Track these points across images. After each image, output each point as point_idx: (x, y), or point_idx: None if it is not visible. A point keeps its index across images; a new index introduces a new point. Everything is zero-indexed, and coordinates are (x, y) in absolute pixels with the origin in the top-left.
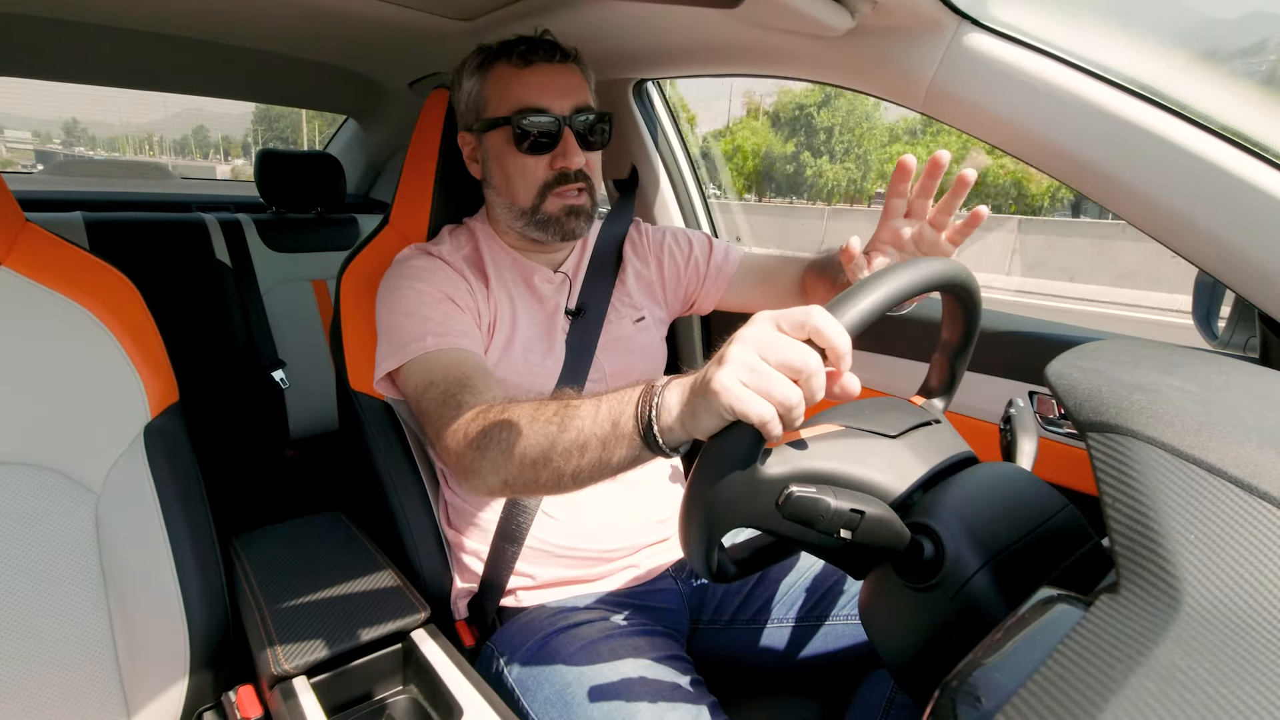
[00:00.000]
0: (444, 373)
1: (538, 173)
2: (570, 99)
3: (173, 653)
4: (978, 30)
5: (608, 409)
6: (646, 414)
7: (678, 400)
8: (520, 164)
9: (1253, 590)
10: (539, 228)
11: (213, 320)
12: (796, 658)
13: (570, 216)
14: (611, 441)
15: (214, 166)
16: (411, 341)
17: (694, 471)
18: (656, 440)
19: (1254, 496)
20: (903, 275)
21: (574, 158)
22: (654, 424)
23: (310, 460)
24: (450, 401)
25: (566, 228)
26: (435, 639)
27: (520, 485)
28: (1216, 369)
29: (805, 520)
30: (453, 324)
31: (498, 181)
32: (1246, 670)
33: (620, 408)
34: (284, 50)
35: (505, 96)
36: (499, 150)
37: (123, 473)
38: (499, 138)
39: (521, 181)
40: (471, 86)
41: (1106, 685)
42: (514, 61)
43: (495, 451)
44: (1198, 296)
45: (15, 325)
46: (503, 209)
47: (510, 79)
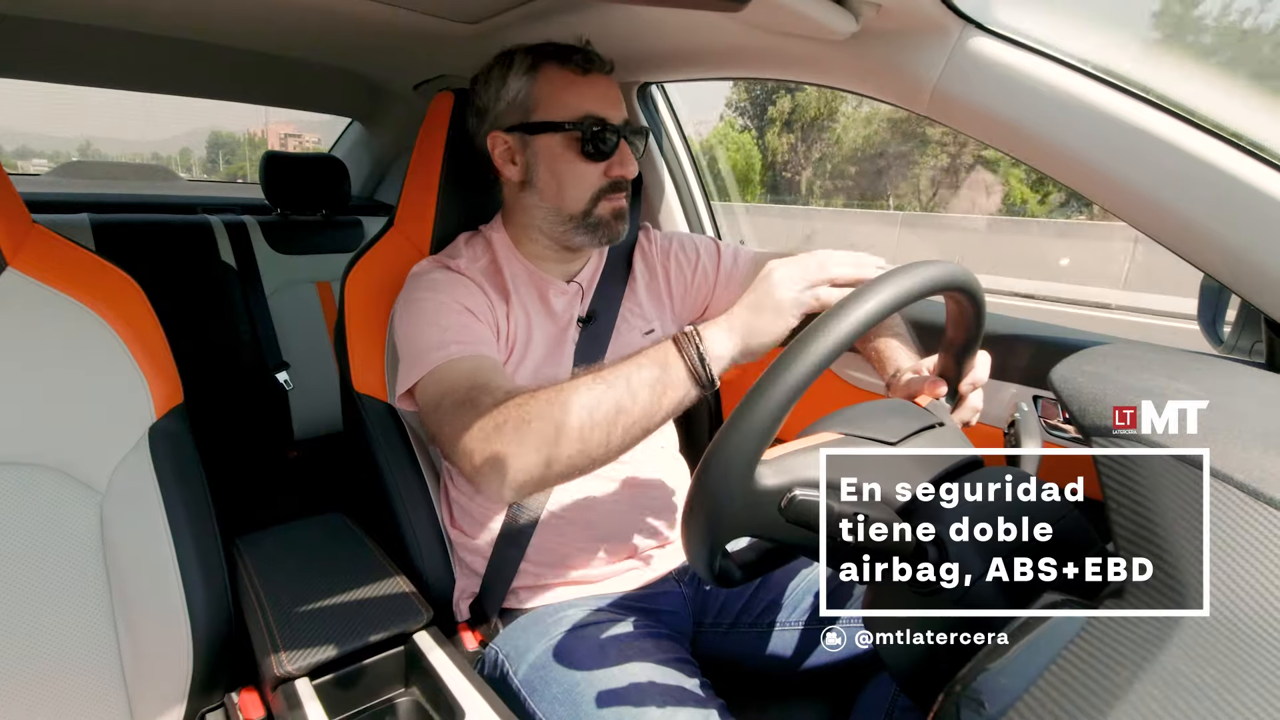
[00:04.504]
0: (461, 379)
1: (593, 179)
2: (621, 111)
3: (176, 654)
4: (982, 34)
5: (649, 358)
6: (693, 352)
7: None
8: (578, 170)
9: (1259, 595)
10: (588, 231)
11: (218, 322)
12: (799, 661)
13: (617, 220)
14: (660, 384)
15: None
16: (432, 350)
17: (695, 480)
18: (709, 370)
19: (1260, 501)
20: (902, 281)
21: (630, 167)
22: (703, 356)
23: (314, 462)
24: (467, 404)
25: (614, 230)
26: (438, 641)
27: (564, 461)
28: (1222, 374)
29: (808, 524)
30: (472, 333)
31: (544, 184)
32: (1252, 676)
33: (660, 354)
34: (289, 53)
35: (565, 102)
36: (553, 154)
37: (127, 473)
38: (555, 142)
39: (576, 187)
40: (520, 86)
41: (1111, 691)
42: (572, 68)
43: (538, 430)
44: (1203, 301)
45: (22, 326)
46: (544, 212)
47: (570, 85)
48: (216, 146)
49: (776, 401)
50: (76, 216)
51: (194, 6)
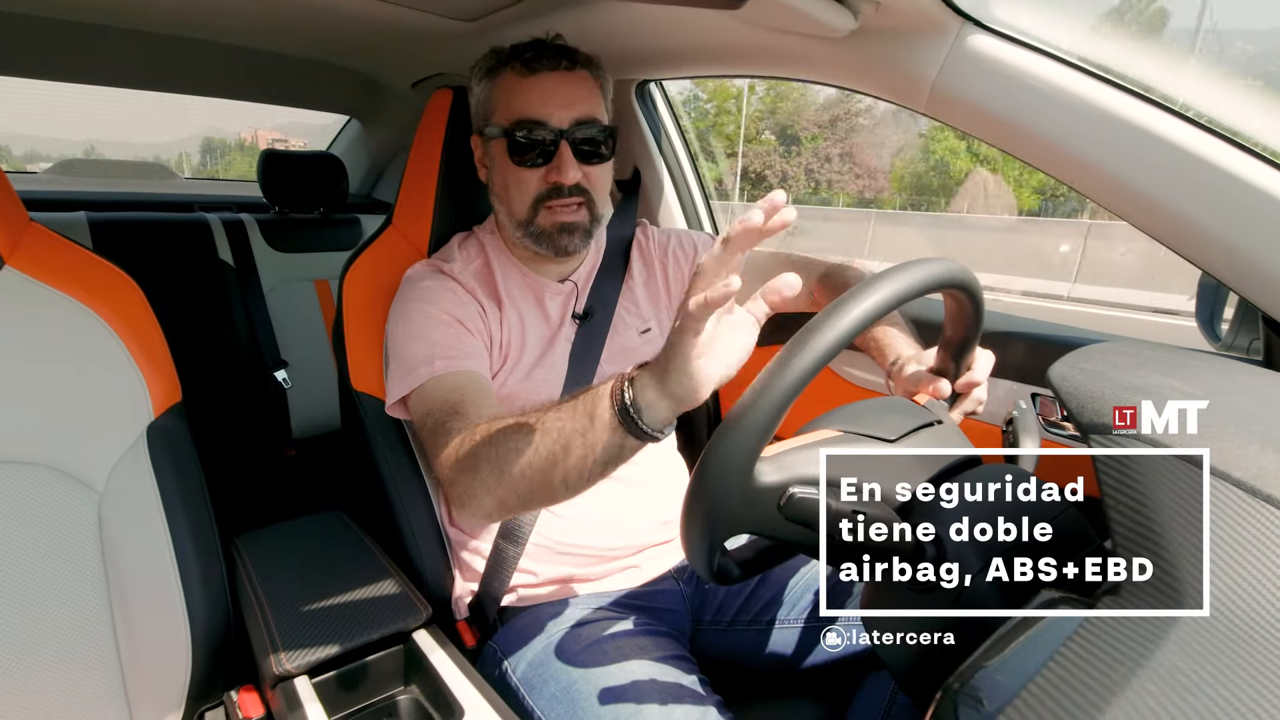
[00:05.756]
0: (441, 398)
1: (531, 186)
2: (572, 110)
3: (175, 652)
4: (981, 31)
5: (583, 404)
6: (621, 398)
7: (648, 372)
8: (516, 176)
9: (1256, 593)
10: (534, 240)
11: (216, 320)
12: (798, 659)
13: (562, 233)
14: (591, 435)
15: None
16: (420, 365)
17: (693, 477)
18: (636, 421)
19: (1257, 499)
20: (896, 281)
21: (568, 172)
22: (629, 406)
23: (312, 460)
24: (440, 430)
25: (559, 243)
26: (437, 639)
27: (514, 502)
28: (1220, 371)
29: (807, 522)
30: (460, 346)
31: (499, 189)
32: (1249, 673)
33: (594, 400)
34: (287, 50)
35: (507, 105)
36: (498, 159)
37: (126, 472)
38: (500, 147)
39: (517, 193)
40: (481, 91)
41: (1108, 688)
42: (518, 69)
43: (485, 471)
44: (1201, 299)
45: (19, 325)
46: (504, 216)
47: (513, 87)
48: (208, 151)
49: (776, 399)
50: (74, 215)
51: (194, 5)
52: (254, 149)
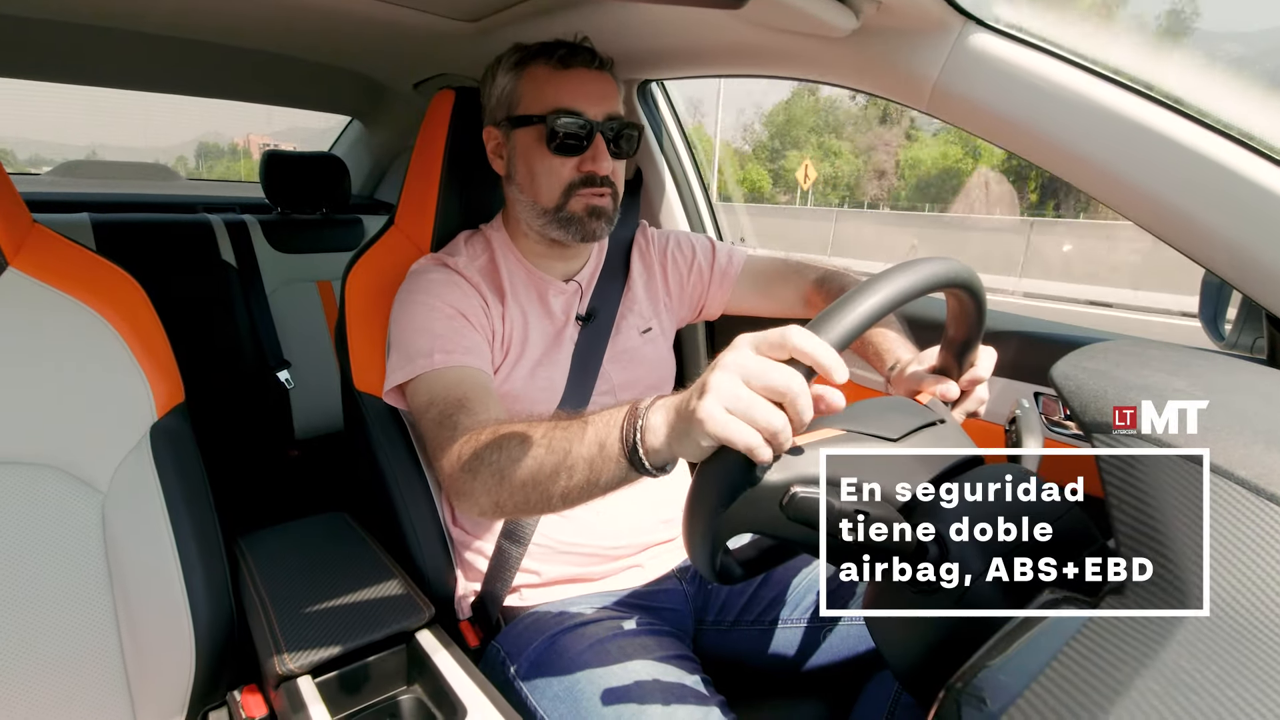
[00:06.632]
0: (444, 393)
1: (564, 174)
2: (604, 105)
3: (178, 652)
4: (983, 30)
5: (594, 431)
6: (631, 436)
7: (663, 422)
8: (548, 163)
9: (1260, 593)
10: (561, 226)
11: (218, 321)
12: (801, 659)
13: (592, 217)
14: (598, 463)
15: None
16: (419, 357)
17: (695, 479)
18: (643, 462)
19: (1261, 498)
20: (894, 282)
21: (603, 162)
22: (639, 446)
23: (315, 460)
24: (446, 423)
25: (588, 227)
26: (440, 639)
27: (511, 507)
28: (1223, 370)
29: (809, 521)
30: (461, 340)
31: (522, 179)
32: (1254, 673)
33: (606, 430)
34: (288, 52)
35: (541, 96)
36: (527, 147)
37: (129, 472)
38: (529, 135)
39: (547, 181)
40: (506, 83)
41: (1112, 687)
42: (553, 63)
43: (486, 474)
44: (1205, 298)
45: (23, 326)
46: (525, 207)
47: (547, 79)
48: (204, 155)
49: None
50: (77, 216)
51: (194, 6)
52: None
